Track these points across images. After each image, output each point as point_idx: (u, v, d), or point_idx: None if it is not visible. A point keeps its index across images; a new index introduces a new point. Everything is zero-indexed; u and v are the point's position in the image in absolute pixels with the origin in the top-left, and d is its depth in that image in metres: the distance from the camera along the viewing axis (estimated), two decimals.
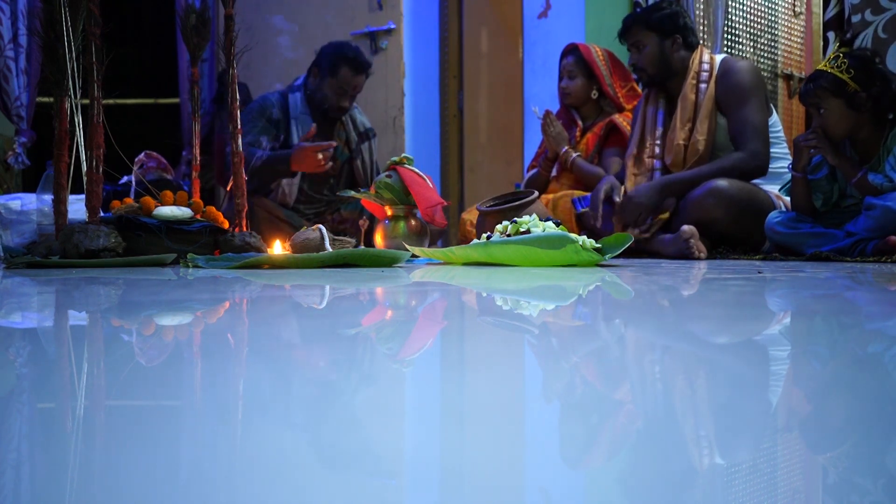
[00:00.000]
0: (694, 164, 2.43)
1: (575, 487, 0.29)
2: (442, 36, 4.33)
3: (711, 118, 2.42)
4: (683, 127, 2.45)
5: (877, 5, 2.56)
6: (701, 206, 2.29)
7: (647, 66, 2.48)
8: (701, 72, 2.45)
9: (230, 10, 2.06)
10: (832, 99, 2.09)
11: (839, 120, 2.09)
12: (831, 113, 2.09)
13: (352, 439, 0.34)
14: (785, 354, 0.59)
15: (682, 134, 2.45)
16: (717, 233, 2.33)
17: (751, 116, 2.38)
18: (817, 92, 2.10)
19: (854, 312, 0.89)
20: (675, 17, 2.46)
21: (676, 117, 2.46)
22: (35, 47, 3.11)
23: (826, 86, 2.09)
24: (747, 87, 2.40)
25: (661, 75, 2.49)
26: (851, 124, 2.10)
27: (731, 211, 2.27)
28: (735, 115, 2.40)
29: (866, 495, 0.27)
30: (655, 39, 2.46)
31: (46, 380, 0.47)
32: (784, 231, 2.21)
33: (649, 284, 1.22)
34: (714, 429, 0.36)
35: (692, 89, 2.44)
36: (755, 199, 2.33)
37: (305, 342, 0.63)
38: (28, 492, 0.27)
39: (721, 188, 2.27)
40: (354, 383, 0.46)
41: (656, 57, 2.46)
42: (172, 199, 1.96)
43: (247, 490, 0.27)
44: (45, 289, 1.15)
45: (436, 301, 0.98)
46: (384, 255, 1.73)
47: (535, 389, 0.46)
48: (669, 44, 2.45)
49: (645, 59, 2.48)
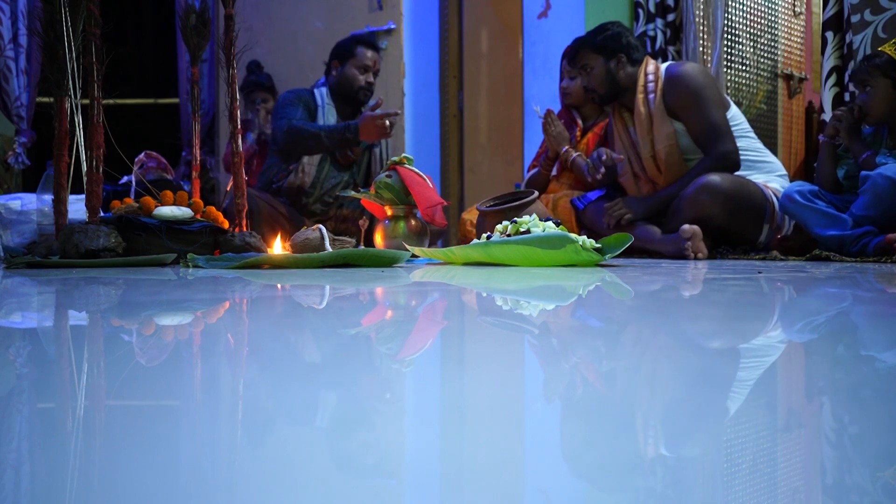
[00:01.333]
0: (668, 171, 2.49)
1: (574, 488, 0.29)
2: (442, 36, 4.33)
3: (666, 125, 2.47)
4: (645, 139, 2.52)
5: (876, 5, 2.56)
6: (696, 202, 2.31)
7: (596, 86, 2.57)
8: (647, 83, 2.52)
9: (230, 10, 2.06)
10: (882, 78, 2.12)
11: (882, 99, 2.12)
12: (876, 92, 2.13)
13: (351, 439, 0.34)
14: (784, 355, 0.59)
15: (646, 147, 2.51)
16: (715, 228, 2.34)
17: (709, 117, 2.42)
18: (870, 69, 2.14)
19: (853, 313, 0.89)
20: (618, 38, 2.54)
21: (636, 134, 2.54)
22: (35, 47, 3.11)
23: (880, 64, 2.13)
24: (695, 89, 2.43)
25: (611, 94, 2.58)
26: (892, 107, 2.12)
27: (727, 205, 2.30)
28: (692, 119, 2.44)
29: (866, 495, 0.27)
30: (601, 61, 2.55)
31: (46, 380, 0.47)
32: (799, 201, 2.21)
33: (650, 284, 1.22)
34: (714, 429, 0.36)
35: (643, 102, 2.51)
36: (746, 190, 2.36)
37: (305, 342, 0.63)
38: (28, 492, 0.27)
39: (713, 182, 2.29)
40: (354, 383, 0.46)
41: (604, 77, 2.55)
42: (172, 199, 1.97)
43: (247, 490, 0.27)
44: (45, 289, 1.15)
45: (436, 301, 0.98)
46: (384, 255, 1.73)
47: (535, 390, 0.46)
48: (615, 63, 2.54)
49: (594, 81, 2.57)
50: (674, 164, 2.47)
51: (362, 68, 3.00)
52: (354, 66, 2.99)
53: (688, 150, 2.47)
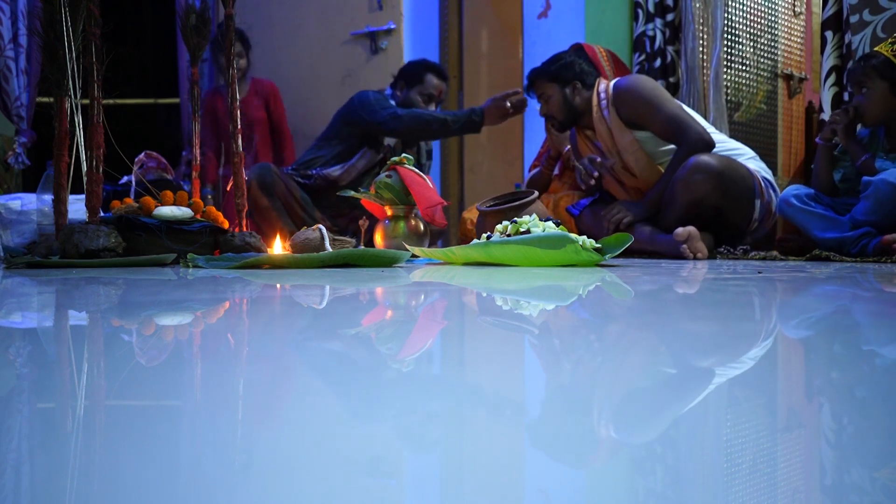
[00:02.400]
0: (643, 177, 2.55)
1: (575, 489, 0.29)
2: (442, 36, 4.33)
3: (626, 136, 2.53)
4: (611, 152, 2.58)
5: (875, 5, 2.56)
6: (689, 184, 2.32)
7: (555, 113, 2.66)
8: (601, 102, 2.59)
9: (230, 10, 2.06)
10: (879, 80, 2.10)
11: (878, 102, 2.11)
12: (873, 93, 2.11)
13: (351, 439, 0.34)
14: (784, 355, 0.59)
15: (618, 162, 2.58)
16: (711, 209, 2.35)
17: (666, 114, 2.47)
18: (867, 70, 2.12)
19: (852, 313, 0.89)
20: (572, 66, 2.63)
21: (603, 148, 2.61)
22: (35, 47, 3.11)
23: (877, 65, 2.11)
24: (644, 96, 2.50)
25: (570, 119, 2.66)
26: (889, 109, 2.11)
27: (720, 182, 2.31)
28: (652, 122, 2.50)
29: (865, 495, 0.27)
30: (557, 88, 2.64)
31: (46, 380, 0.47)
32: (797, 205, 2.21)
33: (650, 284, 1.22)
34: (716, 430, 0.36)
35: (599, 120, 2.58)
36: (735, 165, 2.41)
37: (305, 342, 0.63)
38: (28, 492, 0.27)
39: (704, 161, 2.32)
40: (354, 383, 0.46)
41: (561, 104, 2.64)
42: (172, 199, 1.97)
43: (247, 490, 0.27)
44: (45, 289, 1.15)
45: (436, 301, 0.98)
46: (384, 255, 1.73)
47: (535, 389, 0.46)
48: (570, 90, 2.63)
49: (553, 108, 2.66)
50: (645, 169, 2.54)
51: (427, 97, 3.03)
52: (420, 93, 3.01)
53: (656, 156, 2.54)
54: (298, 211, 2.84)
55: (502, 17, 4.44)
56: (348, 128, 2.99)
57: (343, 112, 3.02)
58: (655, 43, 3.37)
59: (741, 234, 2.48)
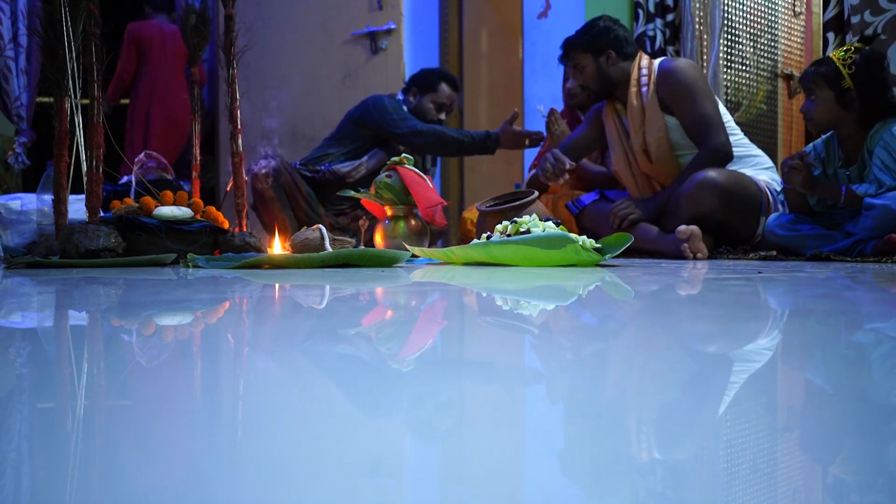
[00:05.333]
0: (658, 164, 2.50)
1: (574, 488, 0.29)
2: (442, 36, 4.33)
3: (658, 119, 2.49)
4: (637, 133, 2.54)
5: (876, 6, 2.56)
6: (694, 200, 2.32)
7: (590, 83, 2.60)
8: (640, 77, 2.54)
9: (230, 10, 2.06)
10: (826, 89, 2.10)
11: (825, 110, 2.11)
12: (820, 101, 2.11)
13: (351, 438, 0.34)
14: (784, 355, 0.59)
15: (637, 140, 2.54)
16: (715, 224, 2.35)
17: (702, 111, 2.44)
18: (815, 78, 2.12)
19: (852, 313, 0.89)
20: (606, 33, 2.56)
21: (629, 126, 2.56)
22: (35, 47, 3.11)
23: (825, 73, 2.10)
24: (689, 84, 2.46)
25: (605, 90, 2.60)
26: (835, 118, 2.11)
27: (725, 200, 2.31)
28: (686, 113, 2.46)
29: (866, 495, 0.27)
30: (591, 59, 2.57)
31: (46, 380, 0.47)
32: (784, 234, 2.22)
33: (649, 285, 1.22)
34: (717, 430, 0.36)
35: (635, 96, 2.53)
36: (742, 183, 2.38)
37: (305, 342, 0.63)
38: (28, 492, 0.27)
39: (711, 178, 2.30)
40: (354, 383, 0.46)
41: (595, 74, 2.58)
42: (172, 199, 1.96)
43: (247, 490, 0.27)
44: (45, 289, 1.15)
45: (436, 301, 0.98)
46: (384, 255, 1.73)
47: (535, 389, 0.46)
48: (605, 60, 2.56)
49: (587, 78, 2.60)
50: (663, 157, 2.50)
51: (439, 105, 3.02)
52: (432, 101, 3.01)
53: (678, 146, 2.50)
54: (302, 204, 2.84)
55: (502, 17, 4.44)
56: (360, 129, 3.00)
57: (355, 114, 3.01)
58: (656, 43, 3.37)
59: (744, 242, 2.48)
